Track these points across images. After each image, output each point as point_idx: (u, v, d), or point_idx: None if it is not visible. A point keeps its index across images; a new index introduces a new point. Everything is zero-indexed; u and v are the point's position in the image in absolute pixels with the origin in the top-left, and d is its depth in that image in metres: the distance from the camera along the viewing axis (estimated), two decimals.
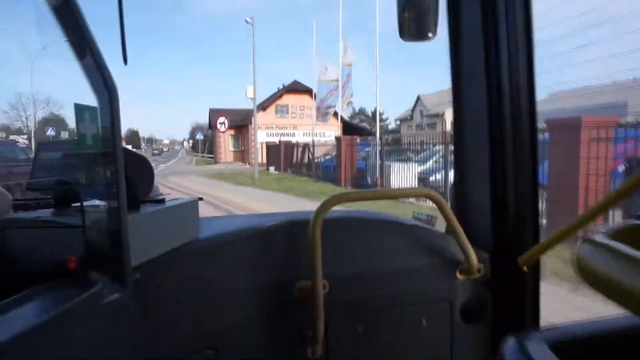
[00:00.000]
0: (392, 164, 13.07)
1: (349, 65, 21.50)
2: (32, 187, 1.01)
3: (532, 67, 1.37)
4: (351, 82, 21.84)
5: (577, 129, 6.38)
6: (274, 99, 32.88)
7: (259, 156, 19.37)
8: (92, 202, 0.90)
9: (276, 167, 23.02)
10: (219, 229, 1.29)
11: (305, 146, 20.86)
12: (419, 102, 34.88)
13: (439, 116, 29.55)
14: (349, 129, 28.40)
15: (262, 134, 28.52)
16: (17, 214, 1.04)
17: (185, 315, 1.13)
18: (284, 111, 32.59)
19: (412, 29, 1.39)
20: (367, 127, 40.36)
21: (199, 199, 1.27)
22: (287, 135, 29.93)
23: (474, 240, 1.42)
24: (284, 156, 22.74)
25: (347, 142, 15.81)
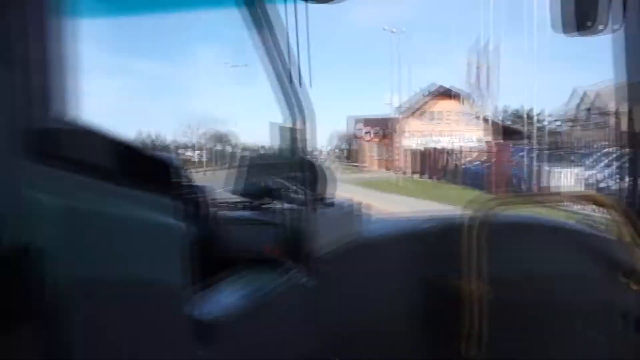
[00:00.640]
0: (552, 169, 11.88)
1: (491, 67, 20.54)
2: (237, 192, 1.25)
3: None
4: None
5: None
6: (419, 104, 32.35)
7: (405, 163, 19.25)
8: (282, 204, 1.11)
9: (422, 174, 22.62)
10: (380, 230, 1.42)
11: (452, 152, 20.15)
12: (585, 97, 30.96)
13: (609, 113, 25.85)
14: (501, 132, 26.60)
15: (408, 141, 28.29)
16: (224, 211, 1.29)
17: (351, 303, 1.28)
18: (430, 117, 31.88)
19: (576, 19, 1.30)
20: (521, 129, 37.21)
21: (360, 203, 1.41)
22: (433, 141, 29.19)
23: None
24: (431, 163, 22.32)
25: (499, 147, 15.06)
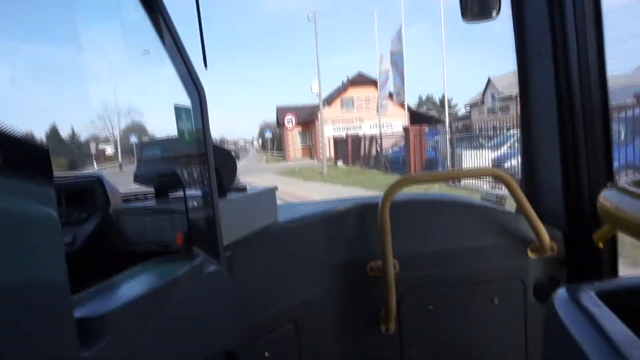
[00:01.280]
0: (463, 151, 12.57)
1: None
2: (139, 179, 1.17)
3: (601, 38, 1.34)
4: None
5: None
6: (339, 92, 32.90)
7: (327, 151, 19.54)
8: (188, 191, 1.05)
9: (344, 161, 23.09)
10: (295, 213, 1.41)
11: (372, 138, 20.72)
12: (490, 84, 33.24)
13: (512, 98, 27.97)
14: (417, 118, 27.85)
15: (329, 129, 28.72)
16: (128, 204, 1.22)
17: (267, 289, 1.26)
18: (349, 104, 32.55)
19: (474, 8, 1.40)
20: (436, 115, 39.25)
21: (275, 188, 1.39)
22: (353, 128, 29.89)
23: (545, 219, 1.42)
24: (352, 150, 22.73)
25: (415, 132, 15.45)
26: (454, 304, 1.46)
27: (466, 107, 39.96)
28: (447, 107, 20.20)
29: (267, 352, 1.27)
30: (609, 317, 0.64)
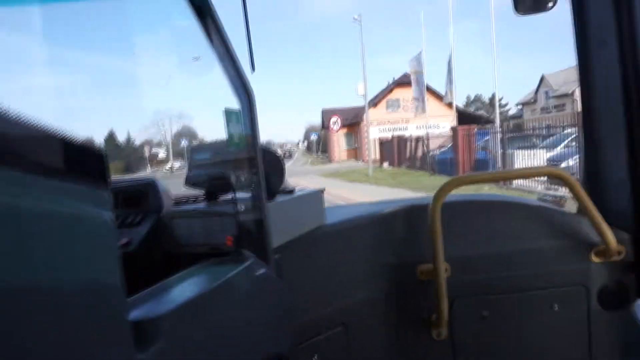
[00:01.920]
0: (515, 151, 11.98)
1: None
2: (190, 182, 1.20)
3: None
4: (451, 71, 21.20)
5: None
6: (384, 94, 32.64)
7: (372, 152, 19.42)
8: (237, 194, 1.06)
9: (390, 163, 22.86)
10: (343, 215, 1.40)
11: (419, 139, 20.33)
12: (544, 82, 31.92)
13: (567, 96, 26.76)
14: (465, 118, 27.20)
15: (375, 130, 28.48)
16: (179, 206, 1.25)
17: (316, 292, 1.26)
18: (395, 105, 32.19)
19: (528, 0, 1.34)
20: (485, 115, 38.14)
21: (322, 190, 1.39)
22: (399, 129, 29.51)
23: (611, 220, 1.33)
24: (398, 151, 22.45)
25: (464, 132, 15.03)
26: (510, 310, 1.40)
27: (518, 106, 38.59)
28: (498, 105, 19.53)
29: (316, 355, 1.26)
30: None
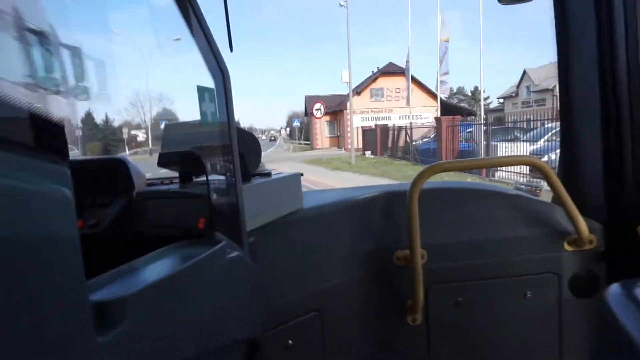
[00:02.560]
0: (498, 144, 12.10)
1: (445, 41, 20.58)
2: (162, 161, 1.17)
3: None
4: (447, 59, 20.97)
5: None
6: (368, 82, 32.56)
7: (355, 141, 19.39)
8: (212, 175, 1.04)
9: (372, 152, 22.87)
10: (321, 200, 1.39)
11: (402, 129, 20.33)
12: (525, 76, 32.33)
13: (548, 91, 27.14)
14: (448, 109, 27.38)
15: (358, 119, 28.42)
16: (151, 187, 1.22)
17: (291, 276, 1.25)
18: (379, 94, 32.17)
19: None
20: (467, 107, 38.50)
21: (300, 174, 1.37)
22: (382, 119, 29.60)
23: (584, 210, 1.36)
24: (381, 140, 22.45)
25: (448, 123, 15.04)
26: (485, 297, 1.42)
27: (499, 100, 39.04)
28: (482, 98, 19.63)
29: (290, 340, 1.26)
30: None
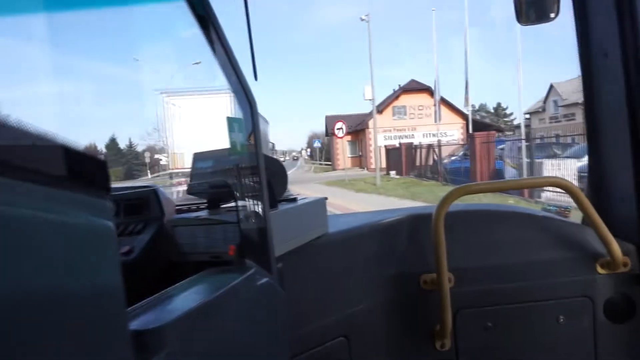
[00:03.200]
0: (543, 161, 11.15)
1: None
2: (192, 191, 1.22)
3: None
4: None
5: None
6: (390, 100, 32.47)
7: (379, 160, 19.12)
8: (240, 202, 1.08)
9: (397, 171, 22.38)
10: (346, 224, 1.42)
11: (429, 147, 19.61)
12: (552, 91, 31.91)
13: (578, 105, 26.69)
14: (474, 126, 27.16)
15: (380, 138, 28.14)
16: (181, 214, 1.27)
17: (318, 302, 1.27)
18: (401, 112, 32.02)
19: (530, 11, 1.37)
20: (494, 124, 38.06)
21: (325, 198, 1.41)
22: (405, 137, 29.34)
23: (616, 232, 1.35)
24: (405, 159, 21.96)
25: (482, 139, 13.94)
26: (515, 322, 1.41)
27: (525, 115, 38.58)
28: (520, 108, 18.59)
29: None
30: None
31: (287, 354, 1.06)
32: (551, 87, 32.13)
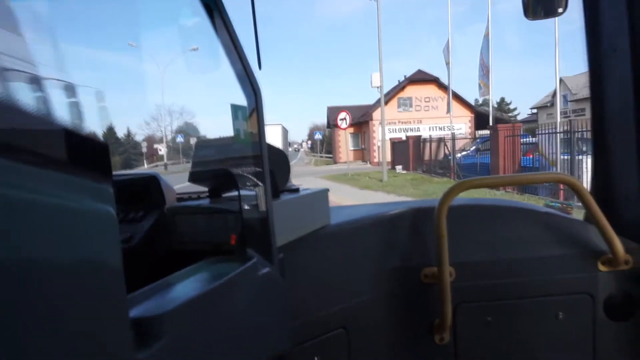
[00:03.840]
0: (583, 158, 9.37)
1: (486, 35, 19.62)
2: (194, 178, 1.24)
3: None
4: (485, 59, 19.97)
5: None
6: (395, 91, 32.01)
7: (382, 154, 18.66)
8: (242, 192, 1.11)
9: (404, 166, 21.65)
10: (348, 216, 1.45)
11: (439, 141, 18.74)
12: (561, 85, 31.68)
13: (588, 99, 26.50)
14: (482, 120, 26.95)
15: (388, 130, 28.13)
16: (182, 202, 1.30)
17: (319, 292, 1.31)
18: (407, 104, 31.62)
19: (538, 5, 1.38)
20: (505, 117, 37.90)
21: (327, 189, 1.43)
22: (411, 130, 29.08)
23: (619, 229, 1.38)
24: (413, 153, 21.16)
25: (506, 132, 12.45)
26: (515, 317, 1.44)
27: (531, 110, 38.41)
28: (559, 99, 17.50)
29: (316, 357, 1.31)
30: None
31: (287, 344, 1.09)
32: (560, 81, 31.93)
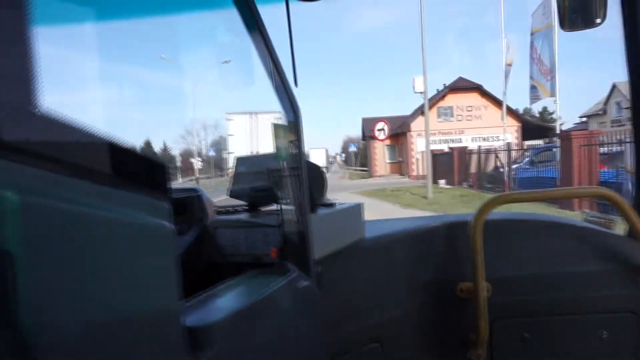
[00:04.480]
0: None
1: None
2: (234, 194, 1.33)
3: None
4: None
5: None
6: (435, 100, 30.79)
7: (421, 168, 17.79)
8: (278, 206, 1.18)
9: (447, 180, 20.37)
10: (383, 230, 1.51)
11: (488, 152, 17.75)
12: (615, 91, 30.51)
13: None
14: (529, 130, 26.20)
15: (422, 142, 27.49)
16: (222, 216, 1.39)
17: (354, 306, 1.36)
18: (447, 114, 30.62)
19: (575, 16, 1.40)
20: (553, 125, 36.66)
21: (361, 203, 1.49)
22: (452, 141, 28.22)
23: None
24: (459, 166, 20.11)
25: (582, 140, 10.65)
26: (554, 334, 1.45)
27: (581, 119, 37.18)
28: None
29: None
30: None
31: (322, 358, 1.14)
32: (614, 87, 30.82)
